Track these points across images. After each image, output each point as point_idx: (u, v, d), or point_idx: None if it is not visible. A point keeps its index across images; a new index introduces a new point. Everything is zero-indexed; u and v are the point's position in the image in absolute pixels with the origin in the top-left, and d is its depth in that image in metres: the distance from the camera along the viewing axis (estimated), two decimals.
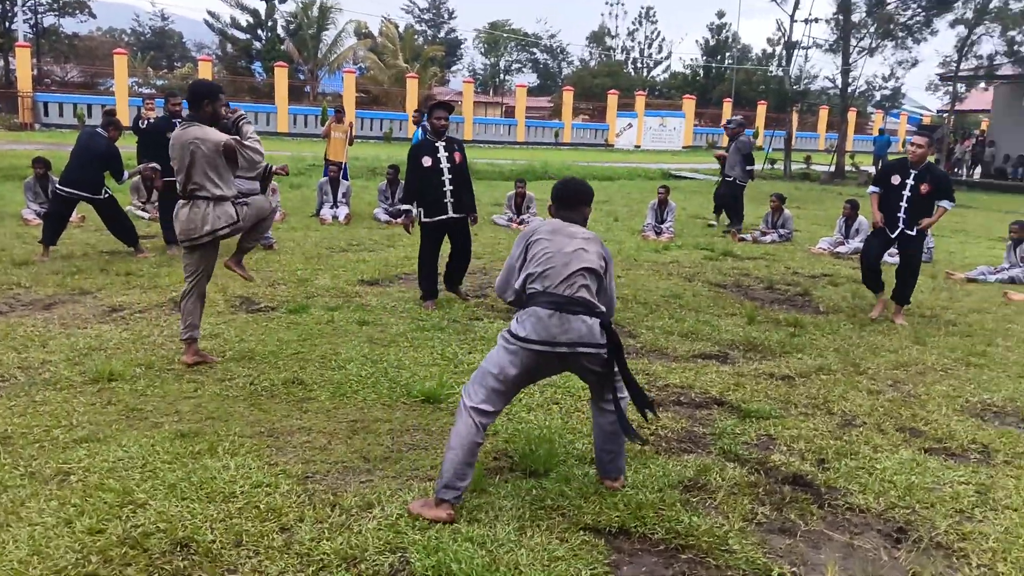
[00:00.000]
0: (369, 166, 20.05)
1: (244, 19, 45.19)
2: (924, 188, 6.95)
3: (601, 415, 3.69)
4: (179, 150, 5.03)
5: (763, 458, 4.16)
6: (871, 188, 7.45)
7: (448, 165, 6.98)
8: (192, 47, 57.43)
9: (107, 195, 8.66)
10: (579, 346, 3.40)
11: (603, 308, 3.51)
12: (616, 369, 3.50)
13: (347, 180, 13.69)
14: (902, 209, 7.04)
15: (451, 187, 7.00)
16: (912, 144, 7.10)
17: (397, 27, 49.97)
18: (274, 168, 6.67)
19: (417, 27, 61.64)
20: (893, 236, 7.17)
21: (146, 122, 11.25)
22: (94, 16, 45.58)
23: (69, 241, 9.19)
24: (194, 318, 5.30)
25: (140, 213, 11.71)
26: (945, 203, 7.11)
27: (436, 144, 7.01)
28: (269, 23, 45.24)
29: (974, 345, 6.65)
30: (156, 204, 10.85)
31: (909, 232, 7.11)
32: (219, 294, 7.20)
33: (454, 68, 65.81)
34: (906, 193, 7.00)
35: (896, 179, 7.09)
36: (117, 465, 3.73)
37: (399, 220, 7.20)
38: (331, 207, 12.52)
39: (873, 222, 7.36)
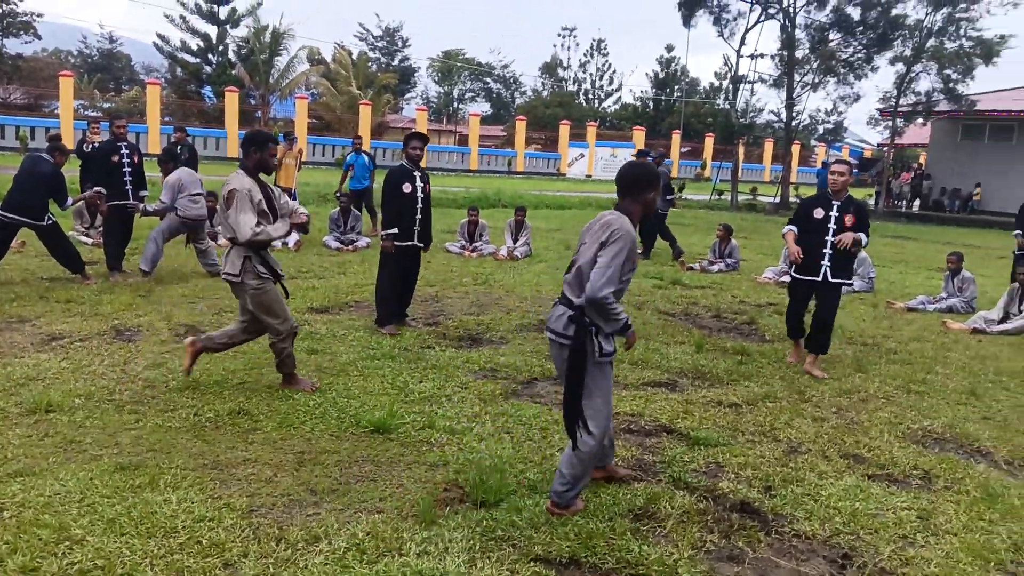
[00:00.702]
0: (320, 192, 19.90)
1: (195, 43, 44.67)
2: (849, 219, 6.43)
3: None
4: None
5: (712, 485, 4.20)
6: (787, 228, 6.86)
7: (421, 195, 7.21)
8: (141, 70, 56.66)
9: (50, 221, 8.45)
10: (550, 332, 3.74)
11: (581, 302, 3.57)
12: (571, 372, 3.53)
13: None
14: (827, 244, 6.45)
15: (420, 216, 7.23)
16: (833, 173, 6.59)
17: (350, 54, 49.96)
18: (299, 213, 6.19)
19: (371, 54, 61.72)
20: (819, 279, 6.51)
21: (91, 146, 11.03)
22: (39, 37, 44.72)
23: (8, 267, 8.91)
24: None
25: (83, 239, 11.43)
26: (862, 235, 6.47)
27: (414, 172, 7.18)
28: (220, 47, 44.80)
29: (914, 373, 6.84)
30: (100, 229, 10.61)
31: (832, 280, 6.50)
32: (163, 322, 7.05)
33: (408, 96, 65.97)
34: (831, 226, 6.45)
35: (819, 213, 6.52)
36: (53, 500, 3.60)
37: (384, 243, 7.18)
38: None
39: (791, 259, 6.68)
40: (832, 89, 29.54)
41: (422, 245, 7.38)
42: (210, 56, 44.85)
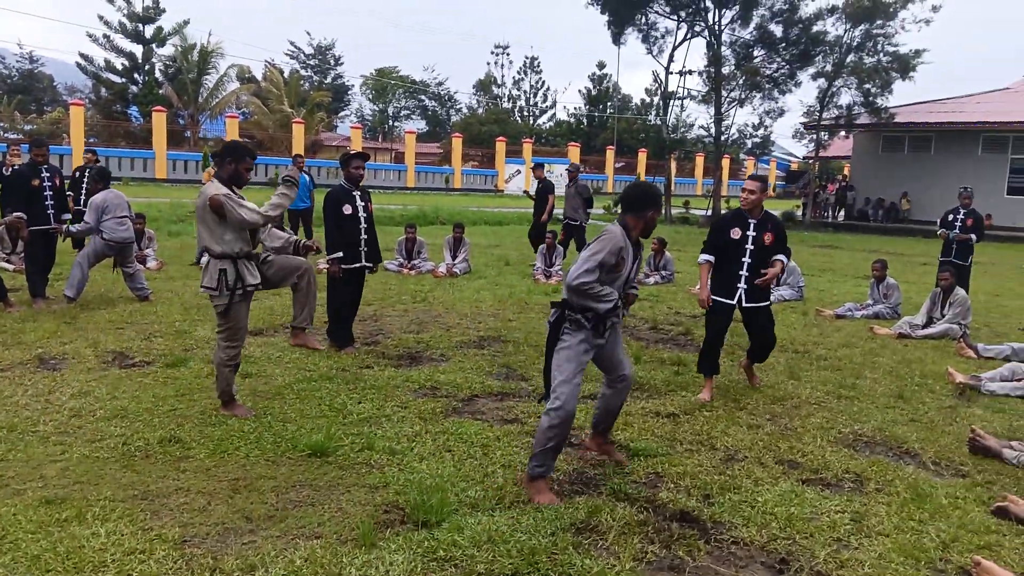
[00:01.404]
0: None
1: (120, 62, 43.59)
2: (768, 238, 6.09)
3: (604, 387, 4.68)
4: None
5: (652, 496, 4.24)
6: (703, 257, 6.33)
7: (364, 215, 7.17)
8: (63, 91, 54.80)
9: None
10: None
11: (565, 295, 4.23)
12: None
13: None
14: (745, 266, 6.09)
15: (365, 236, 7.20)
16: (744, 191, 6.14)
17: (282, 72, 49.43)
18: (304, 243, 6.19)
19: (303, 72, 61.15)
20: (734, 303, 6.19)
21: (10, 169, 10.62)
22: None
23: None
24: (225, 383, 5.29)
25: (4, 264, 11.00)
26: (782, 257, 6.20)
27: (353, 193, 7.13)
28: (147, 66, 43.80)
29: (844, 378, 7.03)
30: (22, 255, 10.21)
31: (753, 304, 6.19)
32: (89, 349, 6.81)
33: (342, 114, 65.48)
34: (748, 247, 6.09)
35: (736, 233, 6.11)
36: None
37: (330, 268, 7.07)
38: None
39: (700, 299, 6.31)
40: (758, 104, 30.48)
41: (370, 265, 7.34)
42: (136, 75, 43.83)
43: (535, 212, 14.29)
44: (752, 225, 6.11)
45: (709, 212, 30.60)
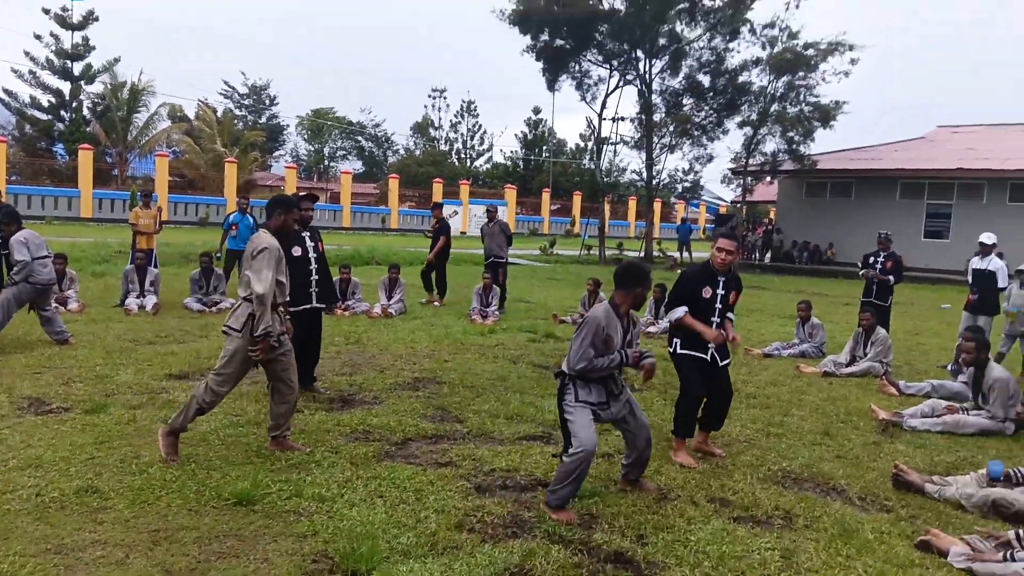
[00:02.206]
0: (182, 252, 19.11)
1: (46, 99, 42.45)
2: (732, 296, 5.91)
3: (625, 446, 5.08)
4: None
5: (586, 537, 4.22)
6: (679, 311, 5.81)
7: (314, 255, 7.10)
8: None
9: None
10: None
11: (563, 368, 4.74)
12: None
13: (155, 268, 12.96)
14: (713, 325, 5.80)
15: (316, 276, 7.11)
16: (721, 250, 5.84)
17: (215, 111, 48.79)
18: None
19: (237, 112, 60.53)
20: (707, 358, 5.82)
21: None
22: None
23: None
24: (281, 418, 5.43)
25: None
26: (731, 316, 6.01)
27: (302, 234, 7.05)
28: (74, 103, 42.74)
29: (772, 416, 7.17)
30: None
31: (722, 361, 5.90)
32: (3, 395, 6.49)
33: (277, 153, 64.86)
34: (718, 306, 5.82)
35: (707, 292, 5.80)
36: None
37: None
38: (137, 296, 11.76)
39: (712, 339, 5.75)
40: (688, 150, 31.39)
41: (323, 306, 7.27)
42: (63, 112, 42.68)
43: (431, 249, 14.44)
44: (721, 283, 5.84)
45: (642, 254, 31.16)
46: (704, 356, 5.81)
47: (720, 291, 5.83)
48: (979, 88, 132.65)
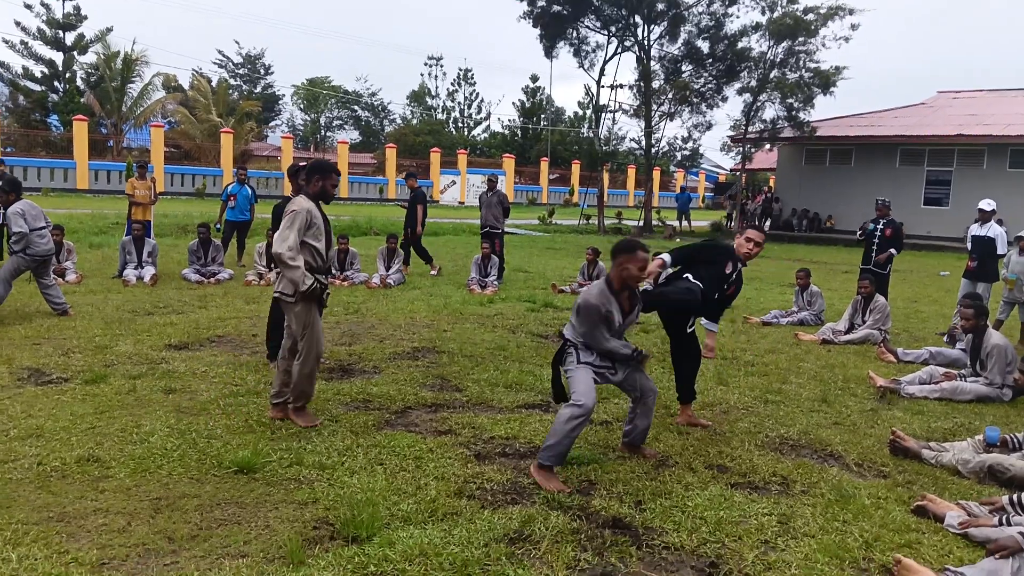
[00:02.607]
0: (179, 223, 19.05)
1: (39, 70, 41.98)
2: (731, 289, 5.88)
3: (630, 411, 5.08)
4: None
5: (584, 503, 4.25)
6: (665, 256, 5.56)
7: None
8: None
9: None
10: None
11: (567, 334, 4.74)
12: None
13: (153, 239, 12.92)
14: (719, 300, 5.85)
15: None
16: (749, 240, 5.84)
17: (209, 81, 48.33)
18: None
19: (232, 81, 59.94)
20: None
21: None
22: None
23: None
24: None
25: None
26: (714, 326, 6.00)
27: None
28: (67, 74, 42.30)
29: (771, 383, 7.20)
30: None
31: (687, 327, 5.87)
32: (4, 366, 6.51)
33: (273, 123, 64.36)
34: (729, 282, 5.82)
35: (729, 267, 5.76)
36: None
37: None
38: (135, 267, 11.74)
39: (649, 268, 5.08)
40: (687, 118, 31.14)
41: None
42: (56, 83, 42.27)
43: (406, 223, 14.22)
44: (738, 271, 5.81)
45: (641, 223, 31.09)
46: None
47: (731, 276, 5.75)
48: (981, 53, 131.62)
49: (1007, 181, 26.51)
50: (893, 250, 10.96)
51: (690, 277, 5.57)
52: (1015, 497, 4.23)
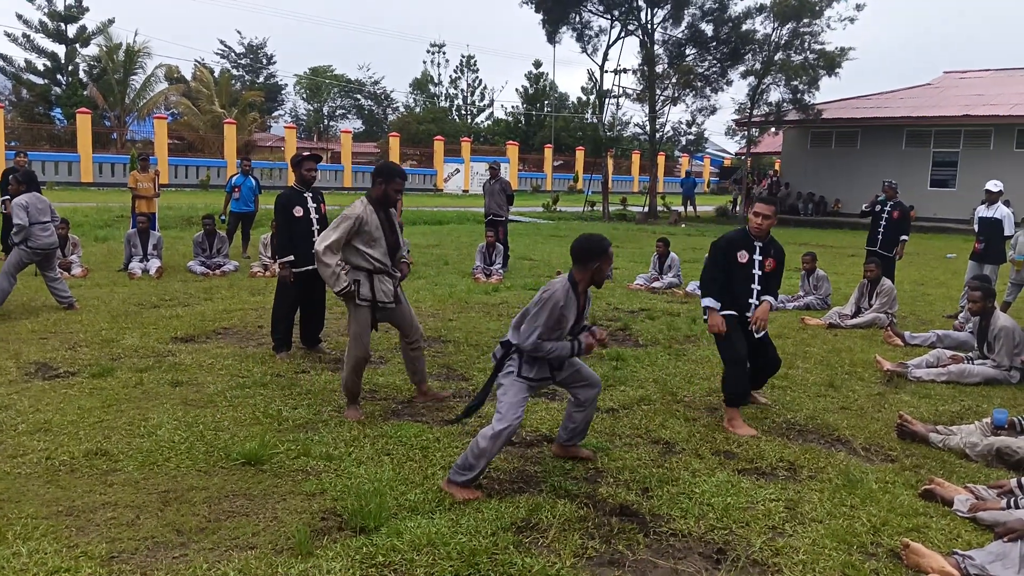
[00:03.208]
0: (184, 215, 19.07)
1: (41, 63, 41.97)
2: (769, 264, 5.63)
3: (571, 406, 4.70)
4: None
5: (591, 491, 4.25)
6: (707, 301, 5.52)
7: (316, 216, 7.09)
8: None
9: None
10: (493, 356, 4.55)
11: (509, 338, 4.43)
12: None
13: (157, 231, 12.94)
14: (754, 293, 5.59)
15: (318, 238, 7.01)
16: (757, 215, 5.60)
17: (212, 72, 48.27)
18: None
19: (234, 72, 59.81)
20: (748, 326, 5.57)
21: None
22: None
23: None
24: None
25: None
26: (770, 298, 5.65)
27: (305, 194, 7.08)
28: (70, 67, 42.29)
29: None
30: None
31: (757, 334, 5.61)
32: (11, 360, 6.53)
33: (276, 113, 64.27)
34: (756, 272, 5.60)
35: (743, 256, 5.58)
36: None
37: (281, 271, 6.93)
38: (141, 260, 11.76)
39: (718, 331, 5.47)
40: (691, 102, 31.00)
41: None
42: (59, 76, 42.25)
43: None
44: (758, 248, 5.63)
45: (646, 209, 30.99)
46: (736, 314, 5.55)
47: (757, 256, 5.60)
48: (987, 32, 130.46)
49: (1014, 162, 26.32)
50: (904, 236, 10.90)
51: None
52: (1023, 480, 4.22)
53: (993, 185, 10.30)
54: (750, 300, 5.58)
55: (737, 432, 5.34)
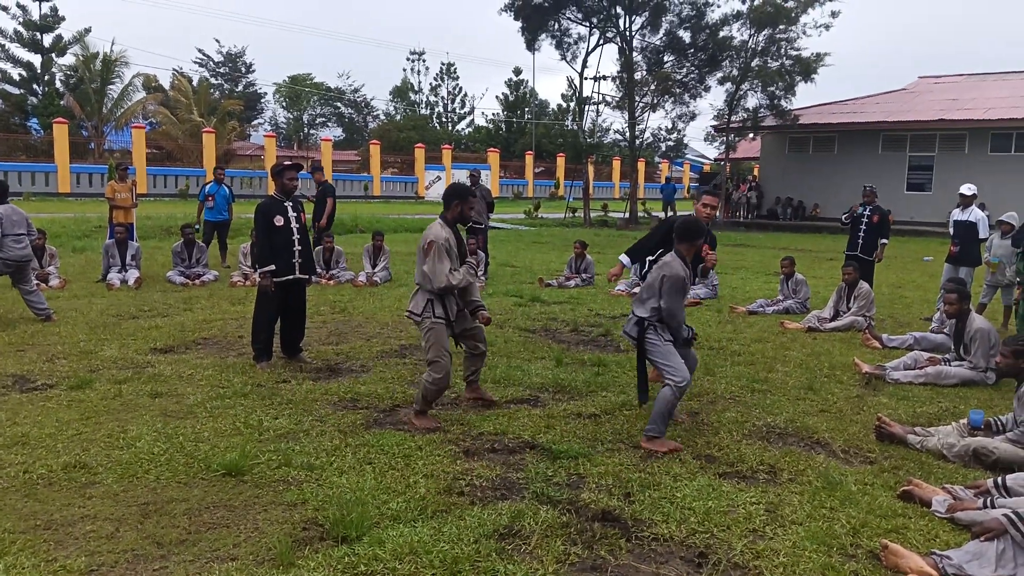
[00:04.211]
0: (163, 225, 18.93)
1: (16, 72, 41.56)
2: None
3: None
4: None
5: (574, 497, 4.26)
6: (624, 258, 6.86)
7: (297, 225, 7.07)
8: None
9: None
10: (625, 334, 5.50)
11: (643, 314, 5.28)
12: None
13: (136, 241, 12.84)
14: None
15: (299, 247, 7.07)
16: (705, 205, 6.61)
17: (190, 80, 47.95)
18: (481, 314, 5.94)
19: (213, 81, 59.47)
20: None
21: None
22: None
23: None
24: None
25: None
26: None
27: (285, 204, 7.06)
28: (46, 77, 41.88)
29: (757, 372, 7.24)
30: None
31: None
32: None
33: (255, 122, 63.92)
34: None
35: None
36: None
37: (262, 281, 6.90)
38: (119, 271, 11.66)
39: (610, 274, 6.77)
40: (670, 108, 31.17)
41: (306, 276, 7.22)
42: (35, 86, 41.83)
43: (314, 217, 13.14)
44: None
45: (627, 215, 31.12)
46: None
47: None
48: (961, 37, 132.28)
49: (989, 165, 26.70)
50: (884, 240, 11.03)
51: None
52: (999, 480, 4.27)
53: (967, 189, 10.44)
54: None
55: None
